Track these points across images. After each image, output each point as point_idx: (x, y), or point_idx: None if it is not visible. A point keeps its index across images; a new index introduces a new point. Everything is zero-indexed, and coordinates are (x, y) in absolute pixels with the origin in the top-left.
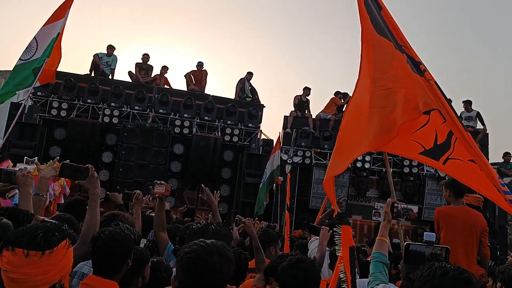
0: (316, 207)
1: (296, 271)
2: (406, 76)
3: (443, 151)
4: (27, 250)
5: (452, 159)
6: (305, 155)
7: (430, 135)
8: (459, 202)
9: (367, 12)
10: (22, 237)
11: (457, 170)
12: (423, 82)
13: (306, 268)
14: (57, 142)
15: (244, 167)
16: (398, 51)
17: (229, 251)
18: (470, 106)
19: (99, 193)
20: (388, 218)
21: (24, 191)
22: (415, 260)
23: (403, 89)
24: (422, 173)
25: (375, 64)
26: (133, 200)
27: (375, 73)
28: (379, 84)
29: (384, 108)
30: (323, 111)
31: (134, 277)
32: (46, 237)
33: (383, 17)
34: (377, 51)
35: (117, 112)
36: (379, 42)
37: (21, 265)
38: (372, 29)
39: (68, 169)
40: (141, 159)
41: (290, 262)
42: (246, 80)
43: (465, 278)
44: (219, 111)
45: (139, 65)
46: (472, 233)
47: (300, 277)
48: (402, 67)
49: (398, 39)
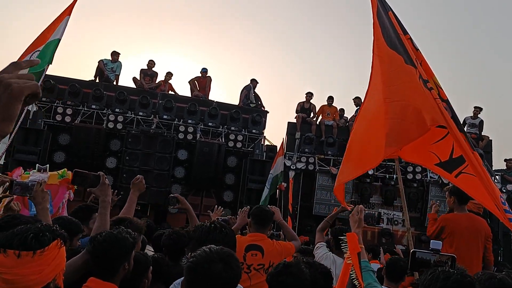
0: (319, 213)
1: (285, 277)
2: (417, 91)
3: (457, 165)
4: (18, 251)
5: (465, 173)
6: (309, 161)
7: (447, 148)
8: (463, 208)
9: (379, 24)
10: (13, 238)
11: (468, 185)
12: (432, 99)
13: (294, 273)
14: (62, 147)
15: (248, 173)
16: (411, 66)
17: (234, 259)
18: (478, 114)
19: (110, 201)
20: (362, 225)
21: (43, 207)
22: (421, 267)
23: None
24: (425, 180)
25: (384, 76)
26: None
27: (384, 85)
28: (388, 96)
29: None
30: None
31: (138, 281)
32: (37, 238)
33: (396, 31)
34: (386, 63)
35: (122, 118)
36: (388, 55)
37: (14, 266)
38: (383, 42)
39: (80, 176)
40: (145, 165)
41: (278, 269)
42: (251, 87)
43: (468, 282)
44: (223, 117)
45: (144, 71)
46: (477, 239)
47: (288, 282)
48: (413, 82)
49: (410, 55)
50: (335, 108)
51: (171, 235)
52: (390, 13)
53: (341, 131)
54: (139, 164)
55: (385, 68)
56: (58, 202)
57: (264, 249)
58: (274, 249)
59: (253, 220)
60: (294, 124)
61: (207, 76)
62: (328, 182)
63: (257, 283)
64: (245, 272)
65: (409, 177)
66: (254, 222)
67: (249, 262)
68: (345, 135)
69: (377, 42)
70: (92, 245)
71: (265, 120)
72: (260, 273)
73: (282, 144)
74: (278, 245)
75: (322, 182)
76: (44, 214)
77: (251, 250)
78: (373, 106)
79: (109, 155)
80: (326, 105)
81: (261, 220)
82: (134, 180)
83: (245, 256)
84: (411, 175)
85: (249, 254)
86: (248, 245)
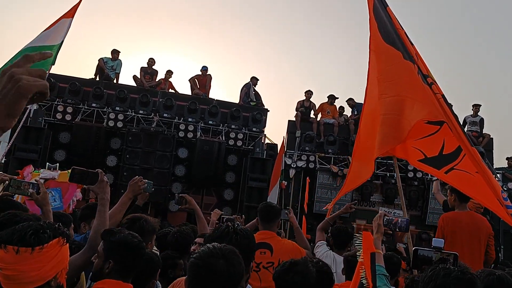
0: (320, 212)
1: (292, 275)
2: (415, 86)
3: (447, 161)
4: (17, 246)
5: (457, 169)
6: (309, 159)
7: (436, 144)
8: (464, 206)
9: (376, 20)
10: (13, 235)
11: (459, 180)
12: (432, 94)
13: (301, 272)
14: (62, 146)
15: (248, 171)
16: (409, 61)
17: (236, 256)
18: (478, 111)
19: (108, 198)
20: (381, 230)
21: (46, 209)
22: (423, 265)
23: (410, 98)
24: (426, 178)
25: (381, 72)
26: None
27: (381, 81)
28: (384, 91)
29: (390, 115)
30: (322, 117)
31: (148, 281)
32: (37, 234)
33: (394, 26)
34: (383, 59)
35: (122, 116)
36: (386, 50)
37: (13, 262)
38: (379, 37)
39: (77, 174)
40: (146, 163)
41: (285, 267)
42: (251, 85)
43: (468, 279)
44: (223, 116)
45: (144, 70)
46: (478, 237)
47: (295, 281)
48: (412, 77)
49: (409, 50)
50: (335, 106)
51: (175, 234)
52: (388, 8)
53: (341, 129)
54: (139, 162)
55: (381, 63)
56: (68, 199)
57: (273, 247)
58: (283, 247)
59: (259, 216)
60: (294, 123)
61: (207, 74)
62: (328, 180)
63: (268, 287)
64: (254, 271)
65: (410, 175)
66: (260, 218)
67: (258, 260)
68: (345, 134)
69: (373, 37)
70: (109, 247)
71: (266, 118)
72: (270, 272)
73: (283, 142)
74: (288, 243)
75: (323, 181)
76: (49, 215)
77: (260, 248)
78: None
79: (110, 153)
80: (326, 102)
81: (267, 216)
82: (131, 181)
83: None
84: (411, 173)
85: (258, 252)
86: (257, 243)
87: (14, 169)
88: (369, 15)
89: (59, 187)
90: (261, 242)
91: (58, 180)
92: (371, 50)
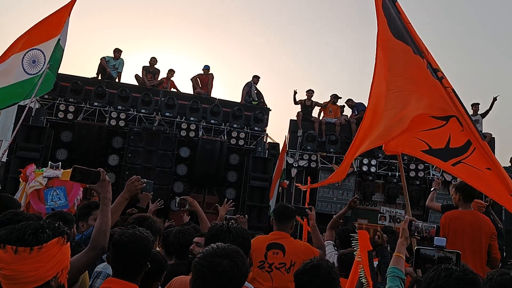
0: (322, 211)
1: (312, 278)
2: (424, 81)
3: (455, 154)
4: (16, 246)
5: (465, 164)
6: (311, 158)
7: (442, 138)
8: (468, 206)
9: (385, 15)
10: (11, 234)
11: (468, 173)
12: (441, 88)
13: (323, 275)
14: (64, 145)
15: (250, 170)
16: (419, 56)
17: (240, 256)
18: (477, 110)
19: (110, 197)
20: (406, 235)
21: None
22: (426, 264)
23: (417, 92)
24: (428, 177)
25: (390, 67)
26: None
27: (389, 76)
28: (393, 86)
29: (393, 109)
30: (324, 116)
31: (153, 281)
32: (35, 234)
33: (403, 21)
34: (393, 54)
35: (124, 115)
36: (396, 45)
37: (12, 262)
38: (389, 33)
39: (79, 173)
40: (147, 162)
41: (306, 268)
42: (253, 84)
43: (470, 279)
44: (225, 115)
45: (146, 69)
46: (481, 237)
47: (315, 283)
48: (421, 71)
49: (418, 45)
50: (337, 106)
51: (177, 234)
52: (397, 3)
53: (343, 128)
54: (141, 161)
55: (390, 60)
56: (73, 198)
57: (286, 247)
58: (296, 248)
59: (274, 217)
60: (296, 122)
61: (209, 74)
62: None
63: (280, 287)
64: (266, 271)
65: (412, 174)
66: (274, 218)
67: (270, 260)
68: (347, 133)
69: (382, 33)
70: (117, 247)
71: (268, 118)
72: (282, 272)
73: (285, 142)
74: (301, 244)
75: None
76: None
77: (273, 249)
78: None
79: (111, 152)
80: (329, 101)
81: (281, 217)
82: (128, 181)
83: (266, 254)
84: (413, 173)
85: (271, 252)
86: (270, 244)
87: (16, 168)
88: (377, 11)
89: (63, 185)
90: (274, 242)
91: (62, 178)
92: (378, 47)
